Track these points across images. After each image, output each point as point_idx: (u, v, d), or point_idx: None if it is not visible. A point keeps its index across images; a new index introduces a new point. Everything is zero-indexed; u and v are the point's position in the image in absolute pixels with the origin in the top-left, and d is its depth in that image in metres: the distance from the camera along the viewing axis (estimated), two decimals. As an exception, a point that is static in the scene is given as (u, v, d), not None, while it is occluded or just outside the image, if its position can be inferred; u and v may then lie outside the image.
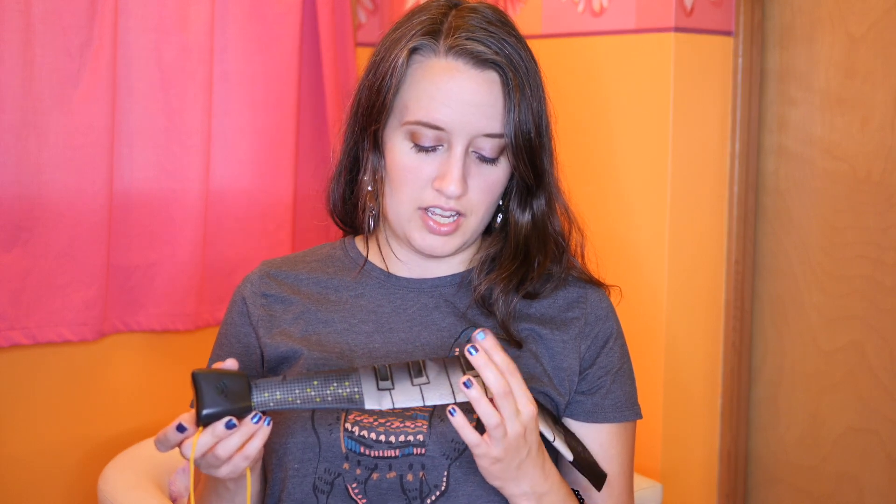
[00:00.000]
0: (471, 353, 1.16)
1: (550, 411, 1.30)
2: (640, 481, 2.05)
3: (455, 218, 1.32)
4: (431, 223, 1.31)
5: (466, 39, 1.29)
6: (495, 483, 1.21)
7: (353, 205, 1.42)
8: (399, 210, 1.33)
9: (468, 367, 1.19)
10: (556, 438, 1.25)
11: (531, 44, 1.36)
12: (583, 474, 1.29)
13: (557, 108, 1.39)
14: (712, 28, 2.25)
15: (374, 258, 1.42)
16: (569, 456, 1.26)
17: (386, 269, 1.41)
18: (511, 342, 1.35)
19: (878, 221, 2.15)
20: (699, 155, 2.27)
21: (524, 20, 2.47)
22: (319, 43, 2.66)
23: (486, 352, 1.16)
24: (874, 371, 2.17)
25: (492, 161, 1.32)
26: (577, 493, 1.32)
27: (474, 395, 1.15)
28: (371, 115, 1.33)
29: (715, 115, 2.28)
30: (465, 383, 1.16)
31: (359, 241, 1.45)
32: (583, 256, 1.43)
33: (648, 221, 2.27)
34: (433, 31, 1.30)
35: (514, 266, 1.36)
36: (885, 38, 2.12)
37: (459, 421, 1.15)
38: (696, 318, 2.31)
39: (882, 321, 2.15)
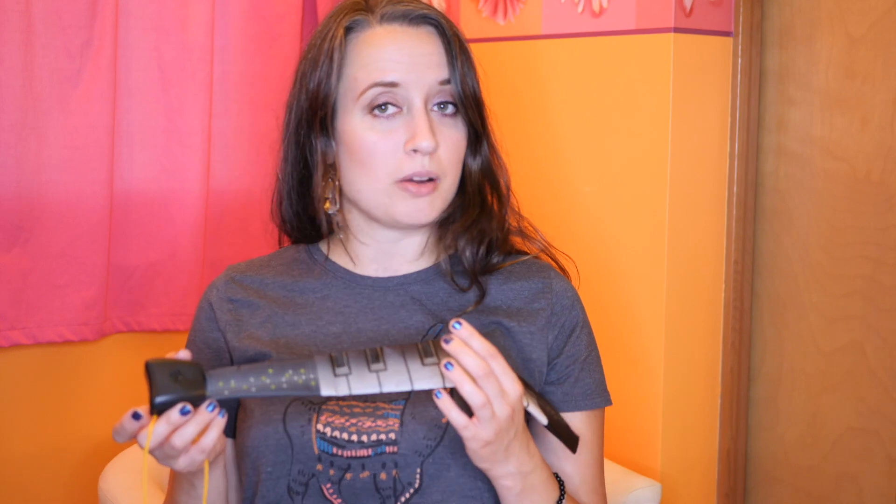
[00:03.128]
0: (446, 343, 1.13)
1: (521, 377, 1.28)
2: (639, 481, 2.05)
3: (429, 181, 1.33)
4: (413, 188, 1.32)
5: (395, 6, 1.34)
6: (483, 465, 1.21)
7: (310, 217, 1.42)
8: (376, 188, 1.33)
9: (426, 355, 1.16)
10: (530, 403, 1.22)
11: (531, 43, 1.37)
12: (559, 438, 1.27)
13: (558, 108, 1.41)
14: (712, 28, 2.25)
15: (337, 259, 1.43)
16: (543, 420, 1.23)
17: (350, 270, 1.41)
18: (480, 294, 1.36)
19: (878, 221, 2.15)
20: (699, 155, 2.27)
21: (524, 20, 2.47)
22: (319, 43, 2.66)
23: (464, 340, 1.14)
24: (874, 371, 2.17)
25: (451, 115, 1.34)
26: (555, 475, 1.31)
27: (456, 377, 1.13)
28: (316, 104, 1.35)
29: (714, 115, 2.28)
30: (445, 365, 1.13)
31: (322, 244, 1.46)
32: (506, 206, 1.43)
33: (648, 221, 2.27)
34: (359, 9, 1.35)
35: (475, 213, 1.38)
36: (885, 38, 2.12)
37: (446, 403, 1.13)
38: (696, 318, 2.31)
39: (882, 321, 2.15)
